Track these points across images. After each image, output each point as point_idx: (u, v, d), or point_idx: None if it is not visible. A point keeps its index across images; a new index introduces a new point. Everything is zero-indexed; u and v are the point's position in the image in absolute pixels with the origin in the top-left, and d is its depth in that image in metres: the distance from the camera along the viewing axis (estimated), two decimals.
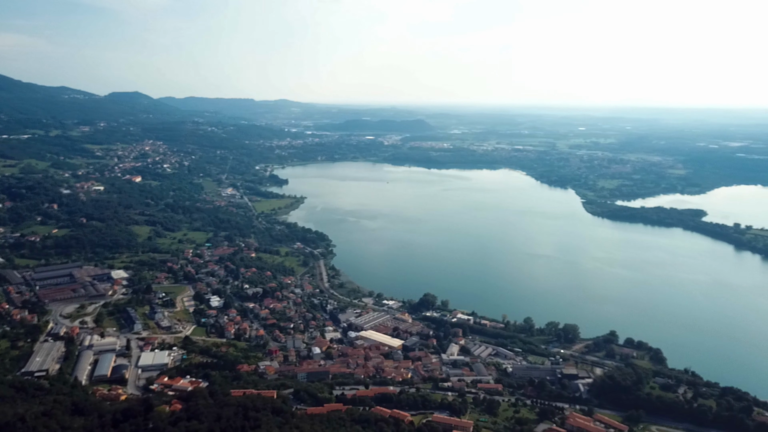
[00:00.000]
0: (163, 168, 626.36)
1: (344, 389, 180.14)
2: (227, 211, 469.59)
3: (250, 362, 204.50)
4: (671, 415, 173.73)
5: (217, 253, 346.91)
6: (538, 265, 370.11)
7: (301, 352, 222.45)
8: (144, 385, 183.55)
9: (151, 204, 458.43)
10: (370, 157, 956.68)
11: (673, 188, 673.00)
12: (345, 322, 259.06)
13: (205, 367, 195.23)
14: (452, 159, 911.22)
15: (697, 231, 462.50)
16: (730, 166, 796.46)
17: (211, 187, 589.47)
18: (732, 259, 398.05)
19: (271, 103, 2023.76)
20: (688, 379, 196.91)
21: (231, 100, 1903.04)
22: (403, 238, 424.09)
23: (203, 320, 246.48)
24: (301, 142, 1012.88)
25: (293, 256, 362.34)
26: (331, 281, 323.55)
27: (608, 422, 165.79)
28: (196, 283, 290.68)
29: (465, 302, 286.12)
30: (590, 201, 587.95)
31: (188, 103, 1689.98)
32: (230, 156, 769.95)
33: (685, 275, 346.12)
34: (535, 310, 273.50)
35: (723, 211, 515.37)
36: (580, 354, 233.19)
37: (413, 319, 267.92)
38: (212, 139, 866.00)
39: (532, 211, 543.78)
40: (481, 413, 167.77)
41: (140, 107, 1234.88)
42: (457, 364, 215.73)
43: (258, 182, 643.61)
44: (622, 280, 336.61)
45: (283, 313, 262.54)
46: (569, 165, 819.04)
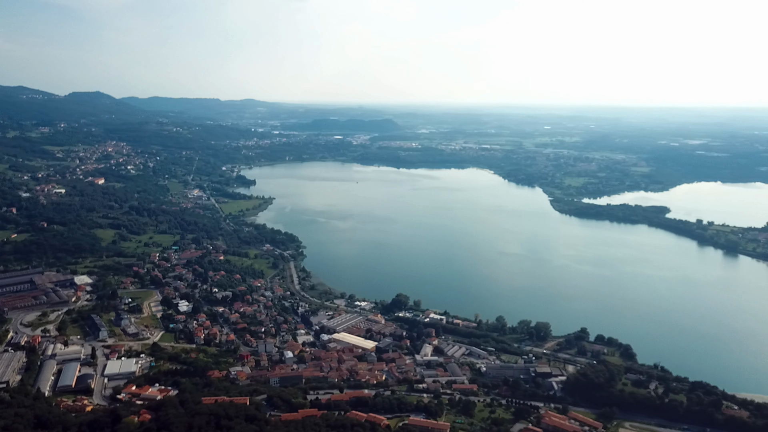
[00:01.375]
0: (127, 169, 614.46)
1: (318, 394, 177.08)
2: (194, 213, 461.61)
3: (221, 368, 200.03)
4: (644, 411, 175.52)
5: (185, 256, 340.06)
6: (508, 264, 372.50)
7: (273, 356, 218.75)
8: (111, 395, 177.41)
9: (115, 207, 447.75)
10: (338, 156, 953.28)
11: (637, 186, 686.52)
12: (317, 325, 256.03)
13: (174, 374, 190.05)
14: (421, 158, 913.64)
15: (661, 227, 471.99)
16: (690, 163, 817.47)
17: (177, 188, 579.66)
18: (695, 254, 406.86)
19: (237, 102, 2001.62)
20: (658, 374, 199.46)
21: (196, 100, 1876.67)
22: (374, 239, 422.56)
23: (172, 326, 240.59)
24: (269, 142, 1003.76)
25: (263, 259, 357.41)
26: (302, 283, 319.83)
27: (583, 420, 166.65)
28: (163, 287, 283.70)
29: (437, 302, 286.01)
30: (557, 199, 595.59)
31: (152, 103, 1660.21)
32: (196, 157, 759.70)
33: (651, 271, 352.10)
34: (506, 308, 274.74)
35: (685, 207, 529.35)
36: (552, 352, 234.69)
37: (386, 320, 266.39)
38: (177, 139, 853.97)
39: (501, 209, 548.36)
40: (457, 414, 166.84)
41: (102, 107, 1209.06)
42: (432, 365, 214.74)
43: (225, 183, 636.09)
44: (591, 277, 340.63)
45: (254, 317, 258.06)
46: (536, 163, 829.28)
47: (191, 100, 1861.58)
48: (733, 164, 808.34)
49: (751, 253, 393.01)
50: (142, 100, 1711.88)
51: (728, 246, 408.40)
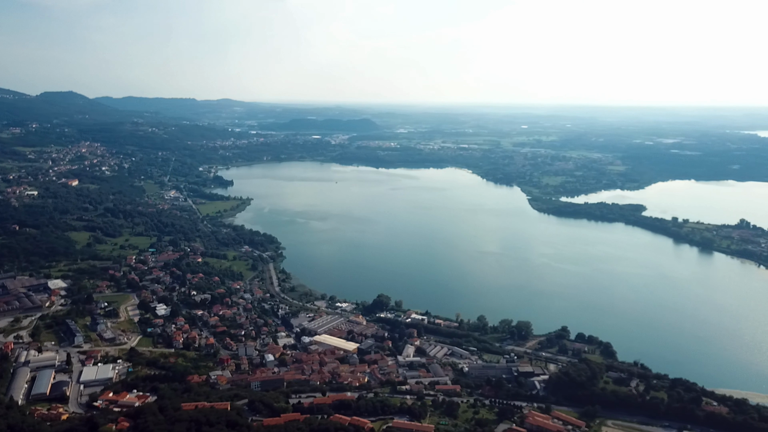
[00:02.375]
0: (102, 171, 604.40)
1: (301, 397, 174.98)
2: (171, 214, 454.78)
3: (201, 372, 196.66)
4: (625, 408, 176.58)
5: (162, 258, 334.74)
6: (488, 263, 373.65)
7: (254, 359, 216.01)
8: (87, 402, 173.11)
9: (90, 209, 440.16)
10: (317, 156, 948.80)
11: (613, 184, 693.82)
12: (298, 327, 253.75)
13: (152, 379, 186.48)
14: (399, 158, 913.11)
15: (638, 225, 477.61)
16: (665, 162, 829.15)
17: (153, 189, 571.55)
18: (671, 252, 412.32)
19: (213, 102, 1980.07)
20: (639, 372, 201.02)
21: (172, 100, 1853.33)
22: (354, 239, 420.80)
23: (149, 330, 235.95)
24: (246, 142, 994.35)
25: (241, 260, 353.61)
26: (282, 285, 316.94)
27: (566, 419, 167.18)
28: (140, 290, 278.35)
29: (418, 302, 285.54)
30: (535, 198, 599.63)
31: (127, 103, 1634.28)
32: (172, 157, 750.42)
33: (629, 269, 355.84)
34: (487, 307, 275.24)
35: (661, 205, 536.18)
36: (533, 351, 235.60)
37: (367, 321, 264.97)
38: (153, 140, 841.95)
39: (480, 208, 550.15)
40: (441, 416, 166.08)
41: (75, 107, 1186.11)
42: (414, 366, 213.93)
43: (202, 184, 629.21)
44: (570, 276, 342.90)
45: (234, 320, 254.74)
46: (514, 163, 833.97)
47: (167, 100, 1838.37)
48: (706, 162, 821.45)
49: (725, 250, 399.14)
50: (116, 100, 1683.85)
51: (703, 243, 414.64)
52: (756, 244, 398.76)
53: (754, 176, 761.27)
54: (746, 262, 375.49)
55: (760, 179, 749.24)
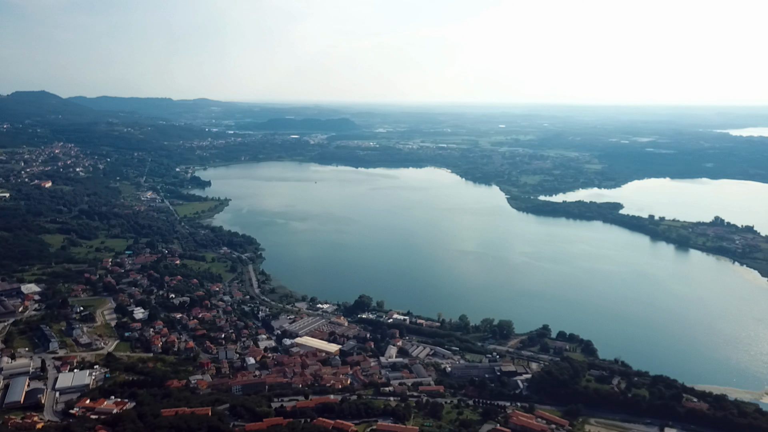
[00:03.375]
0: (76, 172, 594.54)
1: (283, 401, 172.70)
2: (148, 215, 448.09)
3: (181, 377, 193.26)
4: (608, 406, 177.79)
5: (139, 261, 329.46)
6: (468, 262, 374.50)
7: (235, 363, 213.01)
8: (63, 410, 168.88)
9: (64, 211, 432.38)
10: (296, 156, 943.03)
11: (590, 182, 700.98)
12: (279, 329, 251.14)
13: (131, 385, 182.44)
14: (379, 158, 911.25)
15: (615, 223, 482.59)
16: (640, 160, 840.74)
17: (129, 191, 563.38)
18: (649, 249, 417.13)
19: (190, 102, 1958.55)
20: (620, 369, 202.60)
21: (147, 100, 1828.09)
22: (334, 239, 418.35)
23: (127, 334, 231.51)
24: (223, 142, 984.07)
25: (220, 262, 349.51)
26: (262, 287, 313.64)
27: (549, 418, 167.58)
28: (117, 294, 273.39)
29: (400, 302, 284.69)
30: (514, 197, 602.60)
31: (101, 103, 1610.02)
32: (149, 158, 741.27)
33: (608, 266, 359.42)
34: (469, 306, 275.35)
35: (637, 203, 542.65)
36: (515, 350, 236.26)
37: (349, 323, 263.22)
38: (129, 140, 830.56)
39: (460, 208, 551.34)
40: (425, 417, 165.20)
41: (48, 107, 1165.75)
42: (397, 367, 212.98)
43: (179, 185, 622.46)
44: (550, 274, 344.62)
45: (213, 323, 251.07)
46: (492, 162, 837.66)
47: (142, 100, 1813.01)
48: (680, 161, 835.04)
49: (701, 247, 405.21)
50: (90, 100, 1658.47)
51: (679, 240, 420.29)
52: (730, 241, 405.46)
53: (727, 174, 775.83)
54: (722, 259, 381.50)
55: (733, 177, 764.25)
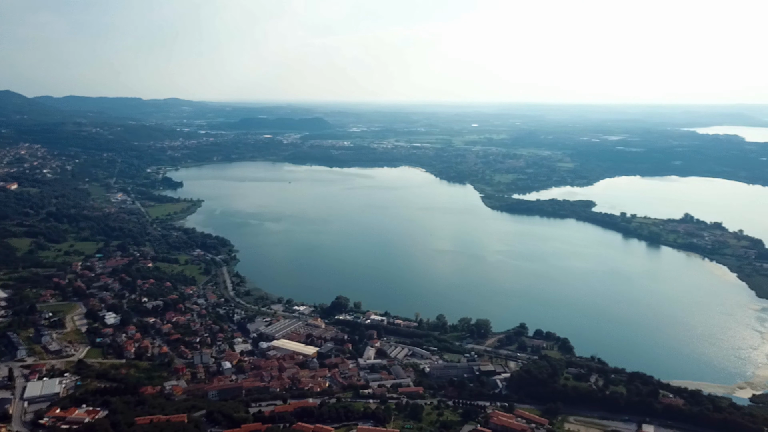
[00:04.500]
0: (43, 173, 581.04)
1: (261, 406, 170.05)
2: (118, 218, 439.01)
3: (155, 383, 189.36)
4: (586, 404, 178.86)
5: (110, 264, 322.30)
6: (445, 261, 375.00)
7: (210, 367, 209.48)
8: (32, 420, 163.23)
9: (31, 213, 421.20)
10: (269, 156, 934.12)
11: (563, 181, 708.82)
12: (255, 332, 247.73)
13: (103, 393, 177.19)
14: (353, 157, 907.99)
15: (588, 221, 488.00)
16: (611, 158, 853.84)
17: (98, 192, 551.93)
18: (621, 246, 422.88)
19: (160, 101, 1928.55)
20: (597, 367, 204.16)
21: (116, 99, 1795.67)
22: (310, 240, 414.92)
23: (98, 340, 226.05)
24: (195, 142, 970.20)
25: (194, 264, 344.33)
26: (237, 289, 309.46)
27: (529, 417, 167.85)
28: (87, 299, 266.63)
29: (378, 303, 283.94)
30: (488, 195, 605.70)
31: (68, 103, 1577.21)
32: (118, 159, 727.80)
33: (582, 264, 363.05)
34: (446, 306, 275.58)
35: (609, 201, 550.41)
36: (493, 349, 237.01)
37: (326, 324, 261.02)
38: (97, 140, 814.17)
39: (435, 207, 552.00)
40: (406, 419, 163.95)
41: (12, 107, 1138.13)
42: (375, 368, 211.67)
43: (150, 186, 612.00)
44: (525, 272, 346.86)
45: (188, 327, 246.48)
46: (466, 161, 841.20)
47: (111, 99, 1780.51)
48: (650, 159, 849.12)
49: (672, 244, 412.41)
50: (57, 100, 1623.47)
51: (651, 237, 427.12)
52: (700, 237, 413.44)
53: (695, 171, 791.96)
54: (692, 255, 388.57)
55: (701, 174, 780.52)
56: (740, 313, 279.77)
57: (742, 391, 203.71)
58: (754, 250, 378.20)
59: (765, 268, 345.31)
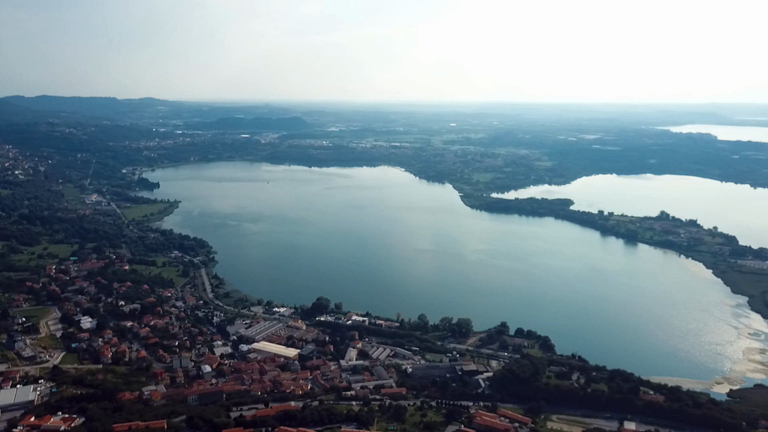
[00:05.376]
0: (15, 175, 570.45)
1: (242, 410, 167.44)
2: (93, 219, 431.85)
3: (133, 389, 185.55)
4: (568, 402, 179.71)
5: (85, 267, 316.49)
6: (425, 260, 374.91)
7: (190, 371, 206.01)
8: (5, 429, 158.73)
9: (3, 216, 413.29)
10: (247, 156, 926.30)
11: (541, 179, 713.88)
12: (235, 335, 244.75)
13: (80, 399, 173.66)
14: (332, 157, 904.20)
15: (567, 219, 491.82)
16: (588, 157, 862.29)
17: (73, 194, 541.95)
18: (599, 244, 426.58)
19: (135, 101, 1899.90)
20: (578, 365, 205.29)
21: (90, 99, 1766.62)
22: (289, 241, 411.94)
23: (74, 345, 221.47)
24: (172, 142, 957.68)
25: (171, 266, 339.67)
26: (216, 291, 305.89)
27: (512, 416, 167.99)
28: (62, 303, 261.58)
29: (359, 303, 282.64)
30: (467, 194, 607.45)
31: (40, 103, 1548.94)
32: (93, 159, 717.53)
33: (561, 262, 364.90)
34: (427, 305, 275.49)
35: (587, 199, 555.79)
36: (475, 348, 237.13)
37: (307, 326, 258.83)
38: (71, 141, 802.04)
39: (414, 206, 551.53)
40: (389, 421, 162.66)
41: None
42: (357, 370, 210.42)
43: (126, 187, 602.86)
44: (505, 271, 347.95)
45: (166, 330, 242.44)
46: (445, 160, 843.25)
47: (85, 99, 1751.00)
48: (626, 157, 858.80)
49: (648, 241, 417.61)
50: (28, 99, 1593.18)
51: (628, 235, 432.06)
52: (676, 235, 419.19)
53: (670, 170, 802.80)
54: (668, 252, 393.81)
55: (676, 172, 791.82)
56: (716, 309, 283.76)
57: (719, 386, 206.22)
58: (728, 246, 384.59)
59: (739, 264, 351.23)
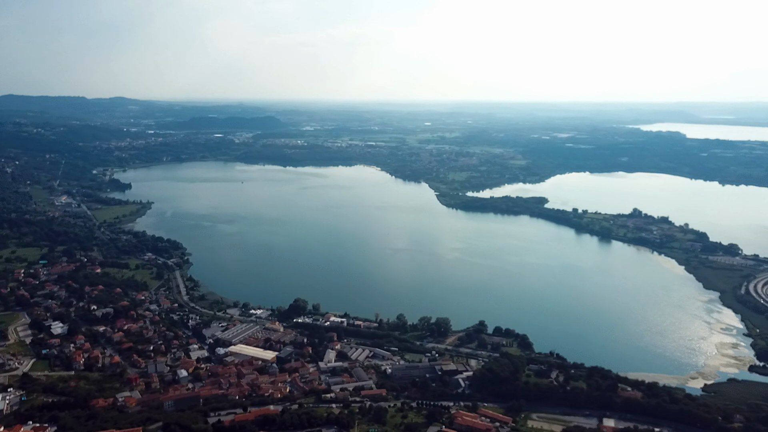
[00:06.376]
0: None
1: (220, 415, 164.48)
2: (63, 222, 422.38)
3: (107, 395, 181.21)
4: (548, 400, 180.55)
5: (56, 271, 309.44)
6: (402, 260, 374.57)
7: (166, 376, 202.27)
8: None
9: None
10: (220, 156, 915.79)
11: (516, 178, 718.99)
12: (211, 338, 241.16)
13: (51, 408, 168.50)
14: (307, 156, 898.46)
15: (541, 217, 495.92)
16: (561, 155, 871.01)
17: (41, 195, 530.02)
18: (574, 241, 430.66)
19: (105, 101, 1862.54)
20: (557, 363, 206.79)
21: (59, 98, 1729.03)
22: (265, 241, 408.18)
23: (44, 352, 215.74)
24: (143, 142, 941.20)
25: (145, 269, 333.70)
26: (191, 293, 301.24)
27: (493, 416, 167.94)
28: (32, 308, 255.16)
29: (336, 304, 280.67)
30: (443, 193, 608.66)
31: (6, 102, 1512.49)
32: (62, 160, 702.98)
33: (537, 260, 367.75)
34: (406, 305, 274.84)
35: (561, 197, 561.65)
36: (454, 347, 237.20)
37: (285, 328, 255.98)
38: (39, 141, 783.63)
39: (391, 205, 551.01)
40: (370, 423, 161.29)
41: None
42: (337, 371, 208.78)
43: (97, 188, 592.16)
44: (482, 269, 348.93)
45: (140, 334, 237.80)
46: (420, 159, 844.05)
47: (53, 99, 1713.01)
48: (598, 155, 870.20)
49: (622, 238, 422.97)
50: None
51: (602, 232, 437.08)
52: (648, 232, 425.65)
53: (641, 167, 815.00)
54: (641, 249, 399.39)
55: (647, 170, 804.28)
56: (689, 304, 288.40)
57: (694, 381, 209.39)
58: (699, 243, 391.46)
59: (710, 260, 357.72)
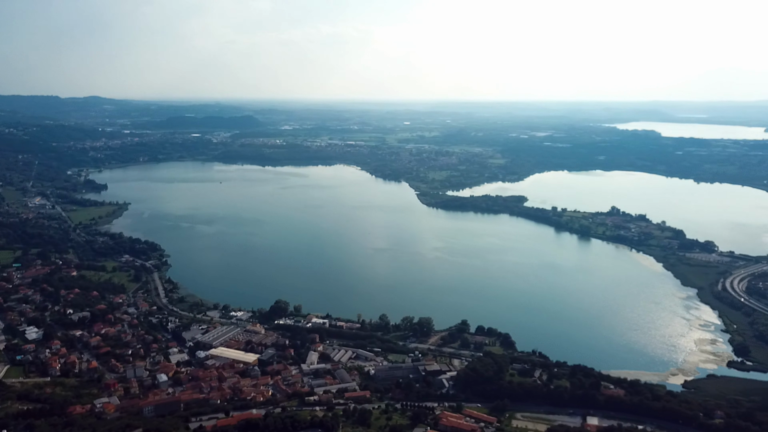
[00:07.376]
0: None
1: (202, 420, 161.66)
2: (37, 224, 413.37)
3: (84, 402, 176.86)
4: (532, 399, 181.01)
5: (30, 274, 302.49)
6: (384, 260, 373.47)
7: (145, 381, 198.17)
8: None
9: None
10: (198, 156, 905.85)
11: (495, 177, 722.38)
12: (191, 341, 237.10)
13: (26, 416, 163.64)
14: (286, 156, 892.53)
15: (521, 216, 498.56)
16: (539, 154, 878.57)
17: (14, 197, 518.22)
18: (554, 240, 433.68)
19: (80, 100, 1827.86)
20: (540, 361, 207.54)
21: (31, 98, 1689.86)
22: (245, 242, 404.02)
23: (19, 358, 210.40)
24: (119, 142, 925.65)
25: (122, 271, 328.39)
26: (170, 296, 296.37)
27: (477, 416, 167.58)
28: (5, 313, 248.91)
29: (318, 305, 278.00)
30: (424, 193, 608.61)
31: None
32: (35, 161, 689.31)
33: (518, 259, 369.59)
34: (388, 305, 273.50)
35: (540, 196, 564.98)
36: (436, 347, 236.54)
37: (266, 330, 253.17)
38: (11, 141, 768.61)
39: (371, 205, 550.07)
40: (354, 426, 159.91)
41: None
42: (319, 373, 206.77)
43: (72, 189, 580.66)
44: (463, 268, 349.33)
45: (119, 339, 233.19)
46: (400, 159, 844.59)
47: (25, 98, 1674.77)
48: (576, 154, 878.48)
49: (601, 236, 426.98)
50: None
51: (581, 231, 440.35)
52: (627, 230, 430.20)
53: (618, 166, 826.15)
54: (620, 247, 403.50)
55: (623, 168, 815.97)
56: (668, 301, 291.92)
57: (674, 377, 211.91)
58: (676, 240, 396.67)
59: (687, 257, 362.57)
